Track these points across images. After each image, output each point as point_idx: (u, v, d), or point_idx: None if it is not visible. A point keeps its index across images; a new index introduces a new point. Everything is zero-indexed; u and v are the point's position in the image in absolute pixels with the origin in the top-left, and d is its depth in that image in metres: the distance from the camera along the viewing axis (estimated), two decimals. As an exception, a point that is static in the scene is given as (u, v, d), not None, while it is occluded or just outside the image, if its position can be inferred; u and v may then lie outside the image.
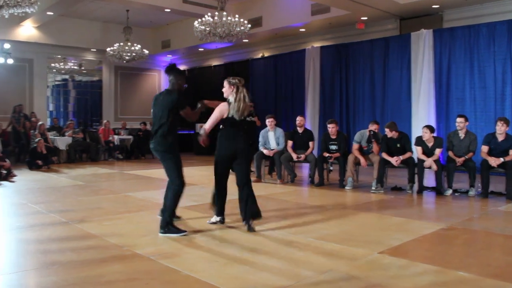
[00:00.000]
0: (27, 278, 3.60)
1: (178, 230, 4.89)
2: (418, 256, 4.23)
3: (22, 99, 15.86)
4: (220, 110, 5.18)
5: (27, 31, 15.27)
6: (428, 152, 7.75)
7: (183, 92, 5.19)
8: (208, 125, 5.23)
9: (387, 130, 8.00)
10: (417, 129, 11.13)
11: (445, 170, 7.69)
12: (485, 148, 7.46)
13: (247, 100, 5.17)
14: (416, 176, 7.81)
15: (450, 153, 7.73)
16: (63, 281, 3.44)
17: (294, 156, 8.86)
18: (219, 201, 5.34)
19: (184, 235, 4.82)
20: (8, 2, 8.79)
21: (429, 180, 8.41)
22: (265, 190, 8.04)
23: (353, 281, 3.50)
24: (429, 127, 7.85)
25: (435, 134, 7.99)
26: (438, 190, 7.61)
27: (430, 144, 7.79)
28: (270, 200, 7.17)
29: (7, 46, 14.26)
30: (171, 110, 4.97)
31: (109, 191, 8.13)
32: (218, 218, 5.36)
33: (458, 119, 7.74)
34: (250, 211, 5.09)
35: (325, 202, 6.96)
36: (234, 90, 5.15)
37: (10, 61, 14.48)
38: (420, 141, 7.91)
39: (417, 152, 7.89)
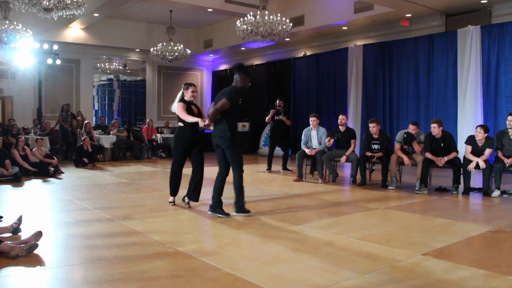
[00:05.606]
0: (74, 272, 3.70)
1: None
2: (464, 259, 4.10)
3: (69, 98, 16.43)
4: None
5: (75, 32, 15.77)
6: (477, 152, 7.52)
7: (244, 90, 5.79)
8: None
9: (435, 126, 7.76)
10: (463, 129, 10.84)
11: (493, 170, 7.44)
12: None
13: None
14: (462, 177, 7.60)
15: (499, 153, 7.47)
16: (108, 276, 3.53)
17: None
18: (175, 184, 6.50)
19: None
20: (57, 5, 9.09)
21: (476, 181, 8.15)
22: (306, 189, 8.01)
23: (395, 283, 3.43)
24: (483, 127, 7.57)
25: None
26: (485, 191, 7.38)
27: (481, 144, 7.55)
28: (311, 199, 7.14)
29: (55, 47, 14.70)
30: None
31: (152, 189, 8.27)
32: (172, 198, 6.56)
33: (510, 117, 7.43)
34: (193, 195, 6.27)
35: (367, 202, 6.87)
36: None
37: (58, 61, 14.89)
38: (472, 140, 7.66)
39: (466, 150, 7.65)
